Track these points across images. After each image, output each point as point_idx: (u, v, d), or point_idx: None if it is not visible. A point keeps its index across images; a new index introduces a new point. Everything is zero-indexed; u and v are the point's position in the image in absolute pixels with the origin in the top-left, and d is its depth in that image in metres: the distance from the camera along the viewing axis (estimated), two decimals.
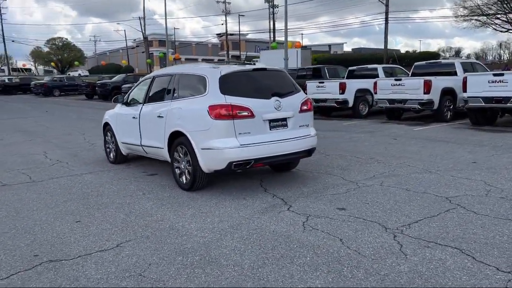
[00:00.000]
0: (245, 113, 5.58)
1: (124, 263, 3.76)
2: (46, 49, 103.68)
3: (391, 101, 13.55)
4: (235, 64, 6.34)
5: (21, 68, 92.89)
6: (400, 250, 3.85)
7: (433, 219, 4.62)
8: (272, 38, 54.02)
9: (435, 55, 53.49)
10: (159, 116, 6.53)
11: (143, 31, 67.18)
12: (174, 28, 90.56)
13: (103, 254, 3.97)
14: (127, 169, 7.81)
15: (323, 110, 16.77)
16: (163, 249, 4.04)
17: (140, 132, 7.16)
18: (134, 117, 7.33)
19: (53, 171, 7.82)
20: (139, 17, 65.77)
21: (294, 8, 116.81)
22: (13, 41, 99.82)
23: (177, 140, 6.12)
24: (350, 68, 17.17)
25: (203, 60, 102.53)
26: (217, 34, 73.70)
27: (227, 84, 5.74)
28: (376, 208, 5.04)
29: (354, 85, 15.44)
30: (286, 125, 5.99)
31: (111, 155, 8.44)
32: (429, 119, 13.84)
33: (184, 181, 6.09)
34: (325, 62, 38.97)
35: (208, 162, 5.67)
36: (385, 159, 7.85)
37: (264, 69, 6.27)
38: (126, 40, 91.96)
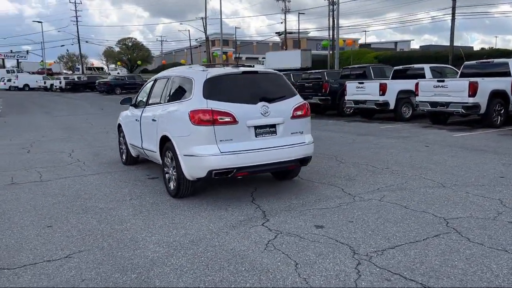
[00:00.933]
0: (227, 119, 5.28)
1: (60, 277, 3.63)
2: (117, 49, 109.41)
3: (433, 104, 12.55)
4: (228, 66, 6.04)
5: (93, 67, 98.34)
6: (355, 282, 3.38)
7: (415, 245, 4.06)
8: (331, 36, 52.88)
9: (508, 53, 49.38)
10: (153, 120, 6.42)
11: (205, 31, 68.53)
12: (235, 27, 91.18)
13: (47, 265, 3.87)
14: (134, 171, 7.80)
15: (364, 112, 15.98)
16: (107, 263, 3.87)
17: (141, 134, 7.10)
18: (136, 120, 7.29)
19: (66, 171, 7.98)
20: (202, 18, 67.17)
21: (360, 4, 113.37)
22: (86, 41, 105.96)
23: (165, 145, 5.96)
24: (395, 68, 16.19)
25: (263, 58, 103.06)
26: (276, 33, 73.16)
27: (212, 88, 5.48)
28: (358, 228, 4.54)
29: (396, 86, 14.52)
30: (274, 132, 5.61)
31: (123, 156, 8.49)
32: (476, 124, 12.67)
33: (172, 188, 5.92)
34: (386, 60, 37.32)
35: (189, 170, 5.45)
36: (401, 170, 7.19)
37: (255, 72, 5.92)
38: (190, 40, 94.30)
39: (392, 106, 14.46)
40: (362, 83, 15.12)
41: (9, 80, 54.99)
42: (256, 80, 5.87)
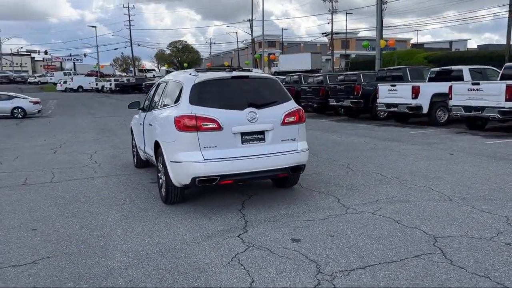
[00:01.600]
0: (211, 125, 5.15)
1: (15, 284, 3.64)
2: (168, 52, 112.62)
3: (467, 108, 11.78)
4: (222, 71, 5.90)
5: (144, 69, 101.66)
6: None
7: (389, 266, 3.74)
8: (379, 36, 51.32)
9: None
10: (150, 124, 6.42)
11: (251, 33, 68.94)
12: (282, 28, 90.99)
13: (10, 270, 3.91)
14: (141, 175, 7.85)
15: (397, 116, 15.32)
16: (67, 271, 3.85)
17: (144, 138, 7.13)
18: (140, 124, 7.34)
19: (78, 173, 8.18)
20: (248, 20, 67.55)
21: (416, 1, 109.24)
22: (138, 45, 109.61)
23: (158, 150, 5.92)
24: (432, 69, 15.40)
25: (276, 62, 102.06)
26: (322, 33, 72.13)
27: (200, 93, 5.38)
28: (336, 243, 4.27)
29: (430, 88, 13.79)
30: (263, 139, 5.41)
31: (135, 159, 8.58)
32: None
33: (163, 193, 5.86)
34: (436, 61, 35.74)
35: (176, 176, 5.37)
36: (412, 180, 6.75)
37: (246, 77, 5.74)
38: (237, 41, 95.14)
39: (425, 110, 13.74)
40: (394, 85, 14.50)
41: (65, 82, 57.90)
42: (247, 85, 5.69)
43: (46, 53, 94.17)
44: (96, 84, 55.34)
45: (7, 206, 6.02)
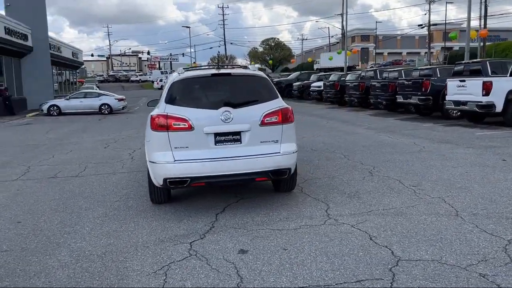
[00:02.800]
0: (182, 125, 4.98)
1: None
2: (261, 49, 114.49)
3: None
4: (212, 69, 5.68)
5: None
6: None
7: None
8: (482, 25, 46.85)
9: None
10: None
11: (341, 27, 67.31)
12: (376, 21, 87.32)
13: None
14: None
15: (470, 115, 13.73)
16: (6, 267, 3.94)
17: None
18: None
19: (106, 168, 8.53)
20: (340, 14, 65.99)
21: None
22: (231, 43, 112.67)
23: None
24: None
25: (407, 53, 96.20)
26: (418, 25, 67.71)
27: (177, 92, 5.24)
28: (282, 258, 3.86)
29: (505, 84, 12.11)
30: (239, 140, 5.10)
31: None
32: None
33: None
34: None
35: (153, 176, 5.29)
36: (430, 189, 5.96)
37: (228, 74, 5.45)
38: (329, 37, 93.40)
39: (499, 109, 12.11)
40: (464, 80, 13.00)
41: (160, 80, 61.65)
42: (228, 83, 5.41)
43: (148, 53, 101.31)
44: None
45: (19, 197, 6.43)
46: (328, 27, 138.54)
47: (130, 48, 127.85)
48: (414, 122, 14.50)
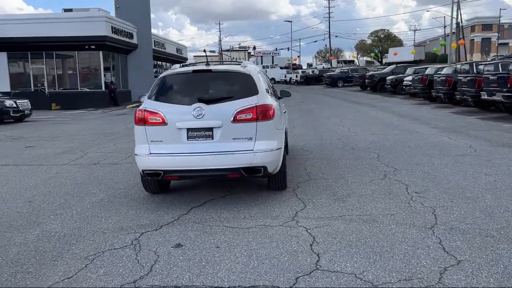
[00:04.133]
0: (156, 120, 5.19)
1: None
2: (369, 41, 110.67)
3: None
4: (201, 64, 5.79)
5: (341, 60, 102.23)
6: None
7: None
8: None
9: None
10: None
11: (457, 16, 62.12)
12: (500, 8, 78.61)
13: None
14: None
15: None
16: None
17: None
18: None
19: None
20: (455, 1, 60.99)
21: None
22: (336, 36, 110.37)
23: None
24: None
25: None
26: None
27: (160, 88, 5.48)
28: (201, 257, 3.88)
29: None
30: (211, 136, 5.15)
31: None
32: None
33: None
34: None
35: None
36: (432, 197, 5.41)
37: (209, 70, 5.50)
38: (444, 26, 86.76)
39: None
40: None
41: None
42: (208, 80, 5.48)
43: (254, 48, 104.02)
44: (285, 76, 58.48)
45: (52, 180, 7.23)
46: (444, 16, 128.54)
47: (240, 44, 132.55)
48: (495, 122, 12.97)
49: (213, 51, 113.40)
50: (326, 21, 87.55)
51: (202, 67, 5.63)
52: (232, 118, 5.10)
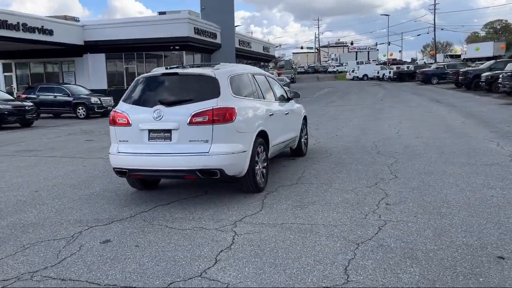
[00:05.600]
0: (122, 121, 5.51)
1: None
2: (482, 34, 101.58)
3: None
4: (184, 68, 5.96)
5: (449, 55, 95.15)
6: None
7: None
8: None
9: None
10: None
11: None
12: None
13: None
14: None
15: None
16: None
17: None
18: None
19: None
20: None
21: None
22: (442, 29, 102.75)
23: None
24: None
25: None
26: None
27: (132, 90, 5.79)
28: (110, 254, 4.08)
29: None
30: (169, 138, 5.32)
31: None
32: None
33: None
34: None
35: None
36: (401, 210, 5.00)
37: (175, 73, 5.64)
38: None
39: None
40: None
41: (353, 71, 61.44)
42: (174, 82, 5.64)
43: (351, 43, 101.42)
44: (377, 73, 56.16)
45: (74, 172, 7.98)
46: None
47: (339, 39, 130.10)
48: None
49: (311, 48, 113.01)
50: (431, 13, 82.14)
51: (170, 70, 5.81)
52: (188, 121, 5.21)
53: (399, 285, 3.23)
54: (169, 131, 5.31)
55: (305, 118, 8.85)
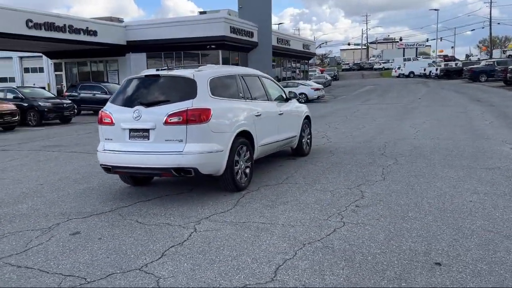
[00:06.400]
0: (107, 120, 5.82)
1: None
2: None
3: None
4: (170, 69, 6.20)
5: (505, 50, 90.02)
6: None
7: None
8: None
9: None
10: None
11: None
12: None
13: None
14: None
15: None
16: None
17: None
18: None
19: None
20: None
21: None
22: (498, 23, 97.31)
23: None
24: None
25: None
26: None
27: (119, 91, 6.10)
28: (75, 245, 4.38)
29: None
30: (147, 137, 5.56)
31: None
32: None
33: None
34: None
35: None
36: (365, 214, 4.98)
37: (157, 75, 5.87)
38: None
39: None
40: None
41: (398, 68, 59.72)
42: (155, 84, 5.86)
43: (400, 39, 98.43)
44: (424, 70, 54.22)
45: (83, 167, 8.45)
46: None
47: (389, 35, 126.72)
48: None
49: (358, 44, 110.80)
50: (487, 6, 78.20)
51: (153, 72, 6.05)
52: (164, 121, 5.43)
53: (319, 285, 3.27)
54: (147, 130, 5.56)
55: (307, 118, 8.86)
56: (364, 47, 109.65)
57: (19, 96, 18.33)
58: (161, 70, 6.16)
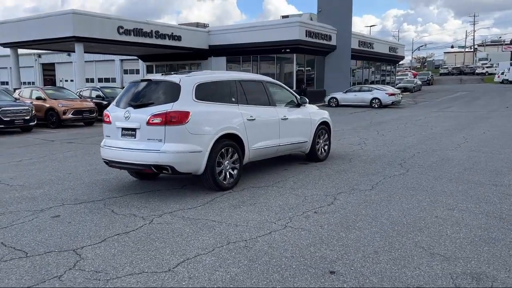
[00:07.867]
0: (107, 119, 6.51)
1: None
2: None
3: None
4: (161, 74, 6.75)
5: None
6: None
7: None
8: None
9: None
10: None
11: None
12: None
13: None
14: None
15: None
16: None
17: None
18: None
19: None
20: None
21: None
22: None
23: None
24: None
25: None
26: None
27: (123, 93, 6.75)
28: (51, 229, 5.05)
29: None
30: (134, 135, 6.12)
31: None
32: None
33: None
34: None
35: None
36: (327, 219, 5.03)
37: (150, 80, 6.39)
38: None
39: None
40: None
41: (502, 73, 54.76)
42: (147, 88, 6.38)
43: (511, 42, 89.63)
44: None
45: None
46: None
47: (500, 37, 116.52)
48: None
49: (462, 47, 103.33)
50: None
51: (147, 77, 6.61)
52: (147, 121, 5.95)
53: (204, 279, 3.49)
54: (134, 129, 6.13)
55: (324, 123, 8.84)
56: (468, 49, 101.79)
57: (101, 95, 20.39)
58: (165, 75, 6.71)
